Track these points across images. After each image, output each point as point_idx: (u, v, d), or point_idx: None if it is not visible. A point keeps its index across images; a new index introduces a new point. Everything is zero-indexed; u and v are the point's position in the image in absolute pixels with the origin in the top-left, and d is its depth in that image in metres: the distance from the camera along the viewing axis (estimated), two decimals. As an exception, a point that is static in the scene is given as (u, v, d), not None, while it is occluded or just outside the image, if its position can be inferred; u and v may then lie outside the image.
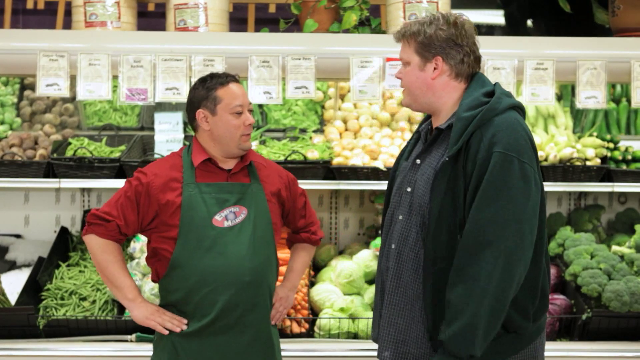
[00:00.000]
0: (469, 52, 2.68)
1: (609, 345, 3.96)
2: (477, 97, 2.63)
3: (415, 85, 2.72)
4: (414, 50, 2.70)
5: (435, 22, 2.67)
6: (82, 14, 3.95)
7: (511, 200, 2.48)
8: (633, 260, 4.22)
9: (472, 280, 2.47)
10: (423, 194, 2.66)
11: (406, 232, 2.71)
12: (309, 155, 4.34)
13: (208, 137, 3.01)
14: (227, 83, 3.00)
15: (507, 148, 2.50)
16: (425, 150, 2.73)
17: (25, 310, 3.93)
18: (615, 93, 5.21)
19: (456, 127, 2.57)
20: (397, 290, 2.72)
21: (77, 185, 4.31)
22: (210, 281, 2.94)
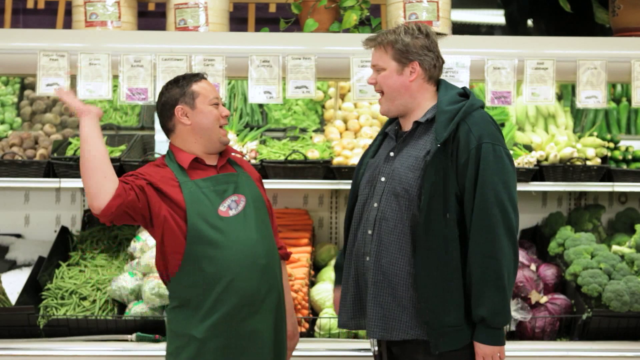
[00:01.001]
0: (438, 58, 2.99)
1: (609, 345, 3.96)
2: (453, 95, 2.96)
3: (394, 87, 2.97)
4: (391, 57, 2.96)
5: (410, 31, 2.95)
6: (83, 14, 3.95)
7: (506, 184, 2.84)
8: (633, 260, 4.22)
9: (493, 259, 2.80)
10: (405, 179, 2.90)
11: (384, 218, 2.92)
12: (309, 155, 4.34)
13: (189, 133, 3.05)
14: (200, 79, 3.10)
15: (492, 139, 2.86)
16: (402, 144, 2.98)
17: (26, 309, 3.93)
18: (615, 93, 5.21)
19: (441, 119, 2.88)
20: (379, 272, 2.91)
21: (77, 185, 4.31)
22: (229, 270, 2.97)
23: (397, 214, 2.90)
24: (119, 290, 4.07)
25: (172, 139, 3.11)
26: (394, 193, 2.91)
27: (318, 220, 4.87)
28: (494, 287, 2.80)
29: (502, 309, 2.82)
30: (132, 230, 4.63)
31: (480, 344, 2.84)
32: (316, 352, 3.90)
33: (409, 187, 2.88)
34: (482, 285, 2.80)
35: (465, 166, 2.83)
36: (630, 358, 3.92)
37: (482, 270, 2.80)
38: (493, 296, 2.80)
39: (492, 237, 2.80)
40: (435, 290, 2.83)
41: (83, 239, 4.57)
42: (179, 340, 3.01)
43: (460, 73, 3.84)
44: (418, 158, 2.90)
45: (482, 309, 2.81)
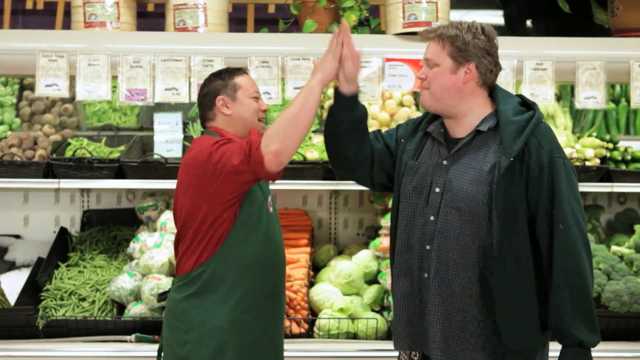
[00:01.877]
0: (497, 63, 2.80)
1: (609, 346, 3.95)
2: (515, 104, 2.78)
3: (445, 87, 2.77)
4: (448, 53, 2.76)
5: (473, 29, 2.76)
6: (82, 14, 3.95)
7: (578, 199, 2.75)
8: (632, 261, 4.22)
9: (580, 276, 2.69)
10: (468, 194, 2.71)
11: (443, 233, 2.75)
12: (309, 156, 4.34)
13: (229, 123, 3.07)
14: (242, 73, 3.12)
15: (562, 153, 2.75)
16: (458, 152, 2.78)
17: (25, 310, 3.93)
18: (614, 93, 5.21)
19: (509, 130, 2.70)
20: (444, 290, 2.76)
21: (76, 186, 4.31)
22: (262, 265, 3.01)
23: (459, 229, 2.73)
24: (118, 291, 4.06)
25: (210, 125, 3.10)
26: (456, 207, 2.73)
27: (317, 221, 4.87)
28: (584, 309, 2.69)
29: (596, 329, 2.71)
30: (131, 231, 4.63)
31: None
32: (315, 352, 3.89)
33: (474, 203, 2.70)
34: (573, 304, 2.68)
35: (537, 181, 2.69)
36: (630, 358, 3.92)
37: (570, 289, 2.68)
38: (586, 317, 2.69)
39: (576, 255, 2.69)
40: (510, 311, 2.70)
41: (82, 240, 4.57)
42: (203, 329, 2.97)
43: (459, 74, 3.84)
44: (481, 172, 2.71)
45: (579, 331, 2.69)
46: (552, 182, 2.70)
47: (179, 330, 3.02)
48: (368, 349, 3.93)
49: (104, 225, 4.71)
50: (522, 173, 2.69)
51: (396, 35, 3.91)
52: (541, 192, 2.69)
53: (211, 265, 2.97)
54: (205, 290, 2.99)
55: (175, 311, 3.03)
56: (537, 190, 2.69)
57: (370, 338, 4.01)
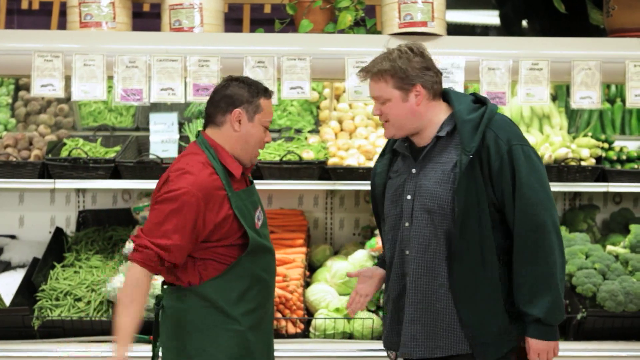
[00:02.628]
0: (437, 73, 2.93)
1: (604, 345, 3.97)
2: (468, 103, 2.93)
3: (402, 116, 2.91)
4: (393, 86, 2.89)
5: (404, 54, 2.88)
6: (77, 15, 3.94)
7: (541, 182, 2.84)
8: (628, 260, 4.23)
9: (544, 257, 2.79)
10: (436, 194, 2.86)
11: (419, 236, 2.89)
12: (304, 156, 4.34)
13: (233, 139, 2.99)
14: (269, 97, 3.05)
15: (519, 140, 2.85)
16: (423, 159, 2.92)
17: (20, 311, 3.93)
18: (609, 93, 5.22)
19: (465, 129, 2.84)
20: (417, 291, 2.89)
21: (72, 186, 4.30)
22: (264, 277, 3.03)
23: (431, 230, 2.87)
24: (113, 291, 4.06)
25: (211, 132, 3.02)
26: (426, 209, 2.87)
27: (313, 221, 4.87)
28: (546, 287, 2.79)
29: (557, 306, 2.81)
30: (127, 231, 4.63)
31: (535, 339, 2.83)
32: (311, 352, 3.90)
33: (442, 202, 2.85)
34: (534, 286, 2.79)
35: (500, 172, 2.81)
36: (625, 358, 3.93)
37: (532, 271, 2.79)
38: (546, 296, 2.79)
39: (539, 237, 2.79)
40: (476, 303, 2.82)
41: (78, 240, 4.56)
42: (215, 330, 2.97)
43: (455, 74, 3.85)
44: (445, 172, 2.86)
45: (536, 309, 2.80)
46: (512, 170, 2.81)
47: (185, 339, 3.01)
48: (364, 349, 3.93)
49: (100, 225, 4.71)
50: (484, 168, 2.82)
51: (392, 35, 3.91)
52: (505, 182, 2.81)
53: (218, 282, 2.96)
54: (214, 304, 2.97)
55: (181, 320, 3.01)
56: (501, 181, 2.82)
57: (366, 338, 4.01)
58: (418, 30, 3.84)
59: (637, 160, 4.52)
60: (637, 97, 3.89)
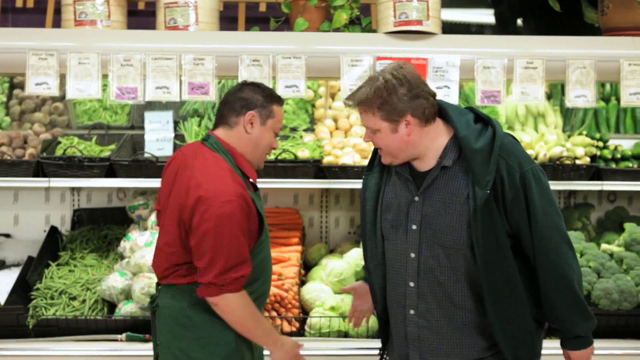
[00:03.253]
0: (428, 95, 2.77)
1: (598, 343, 3.92)
2: (472, 126, 2.78)
3: (393, 146, 2.79)
4: (381, 118, 2.76)
5: (390, 85, 2.72)
6: (72, 13, 3.93)
7: (551, 201, 2.79)
8: (622, 259, 4.24)
9: (565, 278, 2.78)
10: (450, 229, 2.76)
11: (429, 270, 2.82)
12: (300, 154, 4.34)
13: (244, 141, 3.01)
14: (281, 104, 3.09)
15: (527, 162, 2.77)
16: (428, 188, 2.81)
17: (15, 310, 3.92)
18: (604, 92, 5.23)
19: (476, 161, 2.71)
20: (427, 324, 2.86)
21: (66, 185, 4.30)
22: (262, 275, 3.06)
23: (445, 265, 2.79)
24: (108, 289, 4.05)
25: (222, 132, 3.03)
26: (440, 244, 2.78)
27: (308, 220, 4.87)
28: (574, 305, 2.82)
29: (589, 318, 2.87)
30: (122, 229, 4.62)
31: (576, 351, 2.91)
32: (307, 351, 3.87)
33: (457, 237, 2.76)
34: (566, 307, 2.82)
35: (514, 200, 2.73)
36: (619, 356, 3.94)
37: (561, 294, 2.80)
38: (578, 313, 2.84)
39: (558, 259, 2.77)
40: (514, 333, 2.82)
41: (73, 239, 4.56)
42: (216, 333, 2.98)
43: (450, 72, 3.85)
44: (457, 204, 2.75)
45: (576, 328, 2.86)
46: (526, 196, 2.74)
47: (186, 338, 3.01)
48: (359, 347, 3.93)
49: (95, 224, 4.70)
50: (498, 198, 2.73)
51: (387, 33, 3.91)
52: (519, 209, 2.75)
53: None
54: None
55: (179, 319, 3.01)
56: (516, 209, 2.74)
57: (361, 336, 4.01)
58: (413, 29, 3.84)
59: (632, 159, 4.53)
60: (631, 96, 3.90)
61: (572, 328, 2.87)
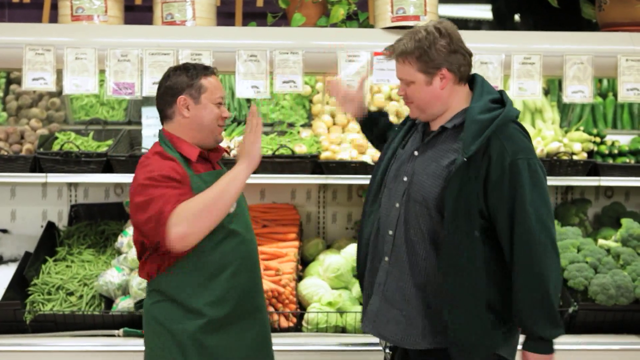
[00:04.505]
0: (465, 54, 2.83)
1: (595, 339, 3.98)
2: (486, 102, 2.79)
3: (426, 99, 2.83)
4: (417, 69, 2.80)
5: (430, 36, 2.76)
6: (69, 8, 3.93)
7: (543, 198, 2.73)
8: (619, 254, 4.24)
9: (540, 277, 2.71)
10: (424, 186, 2.81)
11: (404, 221, 2.85)
12: (297, 150, 4.34)
13: (187, 126, 2.99)
14: (210, 74, 3.02)
15: (526, 153, 2.73)
16: (426, 145, 2.87)
17: (12, 305, 3.92)
18: (601, 87, 5.23)
19: (470, 129, 2.73)
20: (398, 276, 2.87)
21: (63, 180, 4.29)
22: (231, 265, 2.97)
23: (416, 219, 2.82)
24: (106, 285, 4.05)
25: (167, 126, 3.04)
26: (414, 198, 2.82)
27: (306, 215, 4.87)
28: (544, 308, 2.74)
29: (557, 323, 2.76)
30: (119, 225, 4.62)
31: (535, 354, 2.79)
32: (304, 346, 3.90)
33: (427, 195, 2.79)
34: (532, 304, 2.73)
35: (498, 183, 2.71)
36: (616, 351, 3.95)
37: (530, 290, 2.72)
38: (545, 315, 2.74)
39: (537, 255, 2.70)
40: (461, 310, 2.77)
41: (70, 234, 4.55)
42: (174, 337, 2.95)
43: (447, 68, 3.84)
44: (440, 165, 2.80)
45: (539, 329, 2.75)
46: (514, 184, 2.70)
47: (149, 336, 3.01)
48: (356, 343, 3.93)
49: (92, 219, 4.70)
50: (480, 174, 2.72)
51: (384, 29, 3.91)
52: (502, 195, 2.71)
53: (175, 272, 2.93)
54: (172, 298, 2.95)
55: (146, 316, 3.02)
56: (496, 193, 2.72)
57: (358, 332, 4.02)
58: (410, 24, 3.83)
59: (629, 155, 4.53)
60: (628, 92, 3.90)
61: (535, 329, 2.76)
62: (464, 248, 2.74)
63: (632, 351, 3.95)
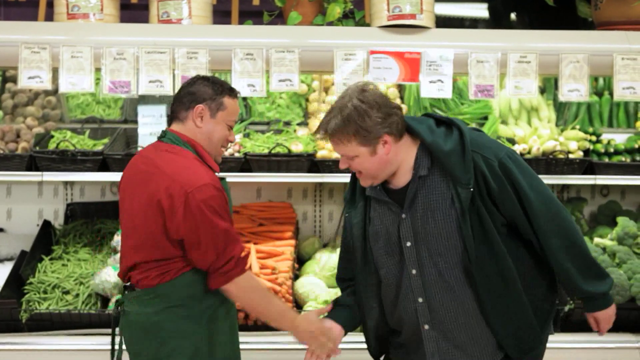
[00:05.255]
0: (397, 110, 2.78)
1: (591, 337, 3.98)
2: (434, 129, 2.79)
3: (374, 168, 2.79)
4: (357, 143, 2.75)
5: (361, 109, 2.71)
6: (65, 6, 3.92)
7: (535, 177, 2.83)
8: (615, 252, 4.25)
9: (574, 240, 2.83)
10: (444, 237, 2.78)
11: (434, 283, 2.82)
12: (293, 148, 4.34)
13: (196, 135, 3.00)
14: (234, 97, 3.05)
15: (500, 149, 2.80)
16: (411, 202, 2.81)
17: (8, 304, 3.91)
18: (597, 86, 5.23)
19: (451, 162, 2.73)
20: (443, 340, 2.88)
21: (59, 179, 4.29)
22: None
23: (448, 274, 2.81)
24: (102, 284, 4.05)
25: (177, 127, 3.02)
26: (438, 253, 2.79)
27: (302, 214, 4.87)
28: (590, 268, 2.86)
29: (606, 276, 2.91)
30: (115, 224, 4.61)
31: (604, 310, 2.95)
32: (300, 345, 3.89)
33: (453, 242, 2.78)
34: (580, 269, 2.84)
35: (501, 190, 2.76)
36: (612, 349, 3.95)
37: (572, 257, 2.83)
38: (596, 271, 2.88)
39: (561, 225, 2.81)
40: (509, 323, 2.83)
41: (66, 233, 4.55)
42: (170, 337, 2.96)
43: (443, 66, 3.85)
44: (445, 211, 2.77)
45: (600, 286, 2.89)
46: (510, 180, 2.77)
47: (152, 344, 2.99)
48: (352, 342, 3.93)
49: (88, 218, 4.69)
50: (483, 193, 2.75)
51: (381, 27, 3.91)
52: (509, 196, 2.77)
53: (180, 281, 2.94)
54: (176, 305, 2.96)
55: (146, 325, 2.99)
56: (507, 198, 2.77)
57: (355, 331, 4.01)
58: (406, 23, 3.84)
59: (625, 153, 4.54)
60: (624, 90, 3.91)
61: (593, 290, 2.88)
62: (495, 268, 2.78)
63: (627, 349, 3.96)
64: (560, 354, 3.94)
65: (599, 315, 2.97)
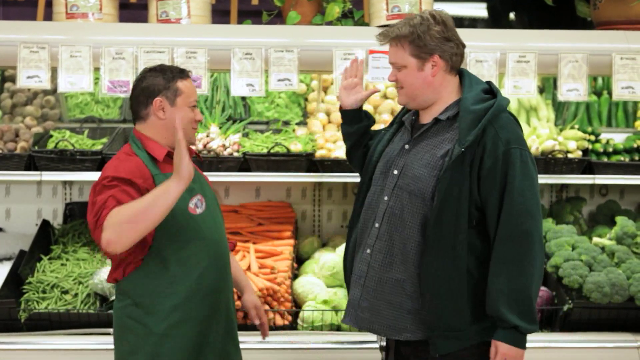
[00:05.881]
0: (458, 44, 2.86)
1: (590, 336, 3.99)
2: (478, 92, 2.83)
3: (416, 85, 2.85)
4: (410, 53, 2.82)
5: (425, 22, 2.80)
6: (63, 6, 3.92)
7: (533, 190, 2.75)
8: (614, 252, 4.25)
9: (525, 268, 2.71)
10: (420, 177, 2.81)
11: (393, 213, 2.85)
12: (292, 148, 4.34)
13: (161, 128, 2.99)
14: (186, 77, 3.03)
15: (520, 144, 2.77)
16: (418, 138, 2.88)
17: (7, 303, 3.91)
18: (596, 86, 5.24)
19: (466, 120, 2.75)
20: (384, 268, 2.86)
21: (58, 178, 4.28)
22: (196, 267, 2.95)
23: (408, 210, 2.82)
24: (100, 283, 4.05)
25: (140, 127, 3.04)
26: (407, 190, 2.82)
27: (301, 213, 4.87)
28: (524, 297, 2.72)
29: (534, 317, 2.75)
30: (114, 223, 4.61)
31: (507, 345, 2.74)
32: (299, 344, 3.90)
33: (423, 186, 2.79)
34: (512, 294, 2.71)
35: (491, 171, 2.73)
36: (611, 349, 3.95)
37: (512, 279, 2.71)
38: (524, 305, 2.72)
39: (523, 246, 2.71)
40: (439, 294, 2.76)
41: (64, 233, 4.55)
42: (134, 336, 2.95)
43: (442, 66, 3.84)
44: (435, 156, 2.80)
45: (514, 317, 2.71)
46: (505, 172, 2.73)
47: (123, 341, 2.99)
48: (351, 341, 3.94)
49: (83, 217, 4.69)
50: (474, 163, 2.74)
51: (380, 27, 3.91)
52: (493, 183, 2.74)
53: (138, 276, 2.93)
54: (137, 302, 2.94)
55: (116, 320, 3.01)
56: (488, 181, 2.74)
57: (353, 330, 4.02)
58: (406, 22, 3.84)
59: (624, 153, 4.54)
60: (623, 90, 3.91)
61: (510, 317, 2.71)
62: (451, 235, 2.74)
63: (626, 349, 3.96)
64: (560, 353, 3.94)
65: (501, 348, 2.75)
